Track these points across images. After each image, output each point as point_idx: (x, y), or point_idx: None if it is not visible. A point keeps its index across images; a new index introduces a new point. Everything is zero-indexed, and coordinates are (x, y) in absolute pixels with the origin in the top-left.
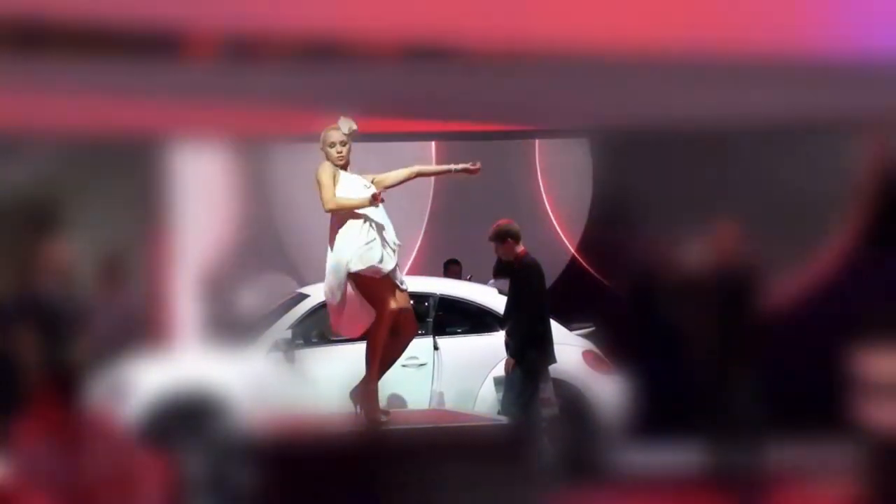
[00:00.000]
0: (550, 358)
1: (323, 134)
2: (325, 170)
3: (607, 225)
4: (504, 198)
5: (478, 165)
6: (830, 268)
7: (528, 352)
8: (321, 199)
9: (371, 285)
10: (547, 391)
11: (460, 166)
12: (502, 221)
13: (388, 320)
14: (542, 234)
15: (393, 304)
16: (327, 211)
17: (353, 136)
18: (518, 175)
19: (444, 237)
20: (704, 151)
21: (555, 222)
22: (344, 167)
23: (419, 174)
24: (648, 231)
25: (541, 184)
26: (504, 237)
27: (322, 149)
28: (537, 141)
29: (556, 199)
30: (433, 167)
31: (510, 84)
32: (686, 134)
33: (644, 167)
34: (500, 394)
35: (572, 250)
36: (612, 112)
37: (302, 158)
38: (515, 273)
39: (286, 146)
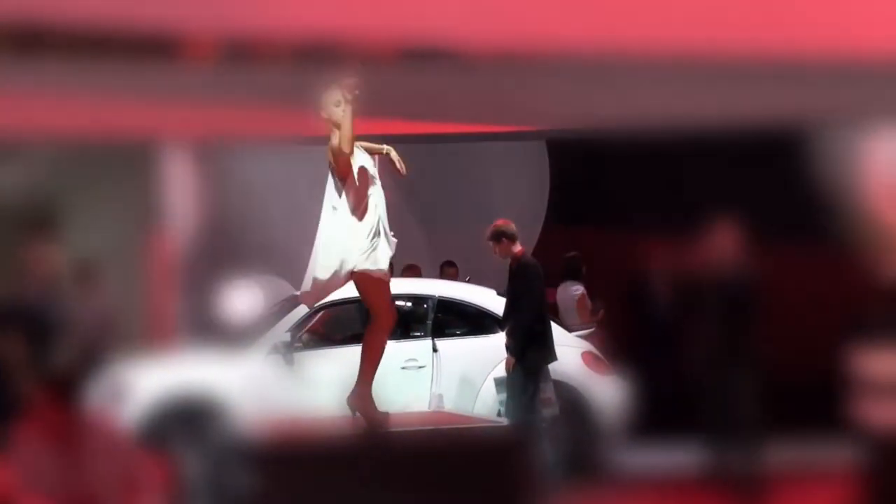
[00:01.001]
0: (550, 356)
1: (326, 96)
2: (350, 115)
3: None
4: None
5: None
6: None
7: (528, 351)
8: (342, 139)
9: (373, 289)
10: (548, 391)
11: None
12: (499, 221)
13: (388, 328)
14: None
15: (394, 313)
16: (348, 153)
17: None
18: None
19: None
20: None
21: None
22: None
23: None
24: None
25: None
26: (499, 237)
27: (335, 103)
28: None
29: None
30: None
31: (506, 86)
32: (685, 135)
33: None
34: (501, 394)
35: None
36: (608, 113)
37: (299, 161)
38: (513, 273)
39: (282, 148)
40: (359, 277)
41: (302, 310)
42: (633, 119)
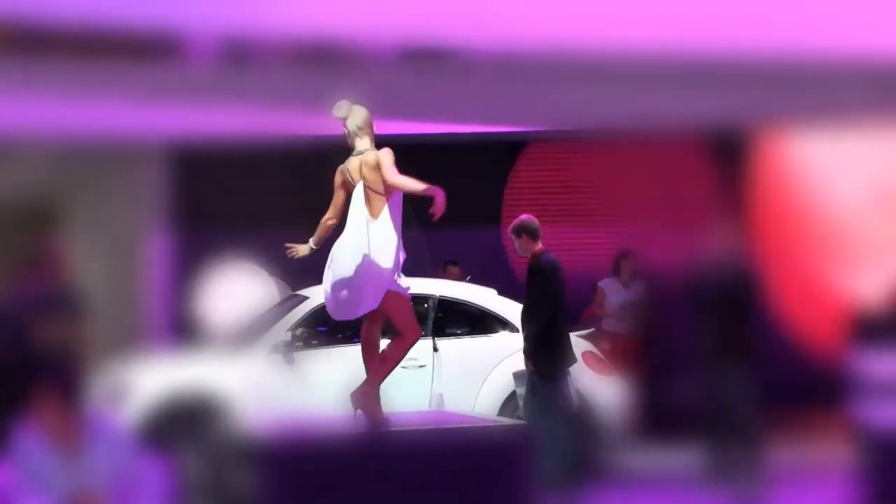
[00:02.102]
0: (566, 361)
1: (365, 113)
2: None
3: None
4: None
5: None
6: None
7: (541, 355)
8: (386, 175)
9: (398, 307)
10: (566, 388)
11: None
12: (523, 216)
13: (414, 343)
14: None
15: (419, 329)
16: (392, 183)
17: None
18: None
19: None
20: None
21: None
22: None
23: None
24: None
25: None
26: (520, 232)
27: (360, 129)
28: None
29: None
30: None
31: (505, 85)
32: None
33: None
34: (520, 388)
35: None
36: (605, 113)
37: (295, 160)
38: (531, 271)
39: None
40: (389, 295)
41: (302, 309)
42: (629, 118)
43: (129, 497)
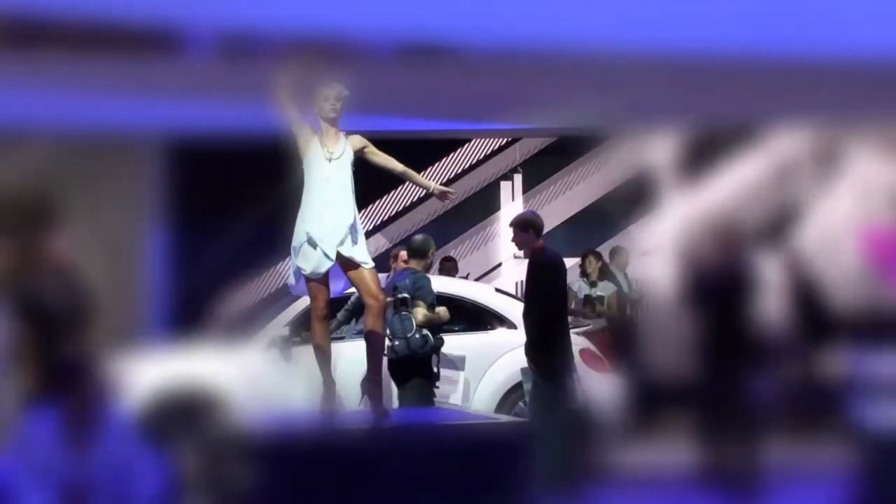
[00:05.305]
0: (565, 361)
1: (317, 91)
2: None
3: None
4: None
5: (450, 195)
6: None
7: (540, 354)
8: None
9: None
10: (574, 382)
11: (439, 189)
12: (528, 211)
13: (378, 312)
14: None
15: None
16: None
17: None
18: None
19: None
20: None
21: None
22: (334, 123)
23: (403, 175)
24: None
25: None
26: (527, 227)
27: (315, 105)
28: None
29: None
30: (418, 178)
31: (506, 83)
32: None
33: None
34: (528, 385)
35: None
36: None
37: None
38: (531, 268)
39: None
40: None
41: (301, 304)
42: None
43: (126, 490)
